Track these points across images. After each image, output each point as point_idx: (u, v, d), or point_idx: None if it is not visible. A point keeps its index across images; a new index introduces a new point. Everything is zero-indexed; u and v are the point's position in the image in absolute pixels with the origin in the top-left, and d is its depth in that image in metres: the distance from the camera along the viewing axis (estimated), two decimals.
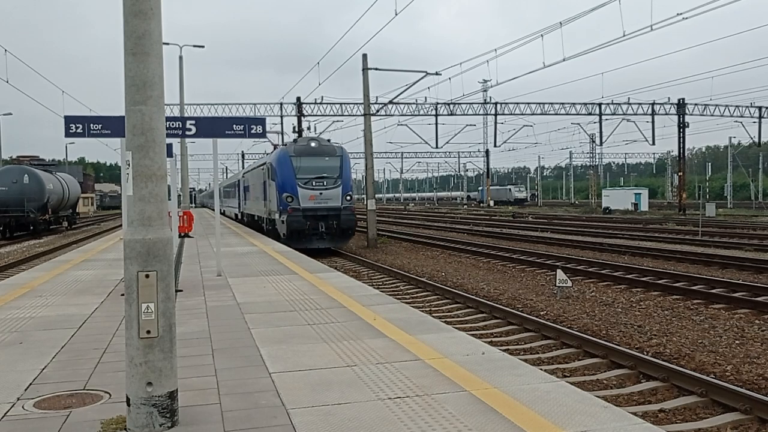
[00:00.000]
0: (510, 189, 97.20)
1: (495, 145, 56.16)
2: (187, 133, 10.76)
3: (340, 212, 22.10)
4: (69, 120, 10.34)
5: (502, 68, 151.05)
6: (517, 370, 5.22)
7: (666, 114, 50.92)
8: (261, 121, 11.16)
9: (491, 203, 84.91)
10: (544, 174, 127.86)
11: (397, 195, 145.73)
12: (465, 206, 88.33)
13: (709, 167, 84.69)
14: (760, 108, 50.83)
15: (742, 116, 51.12)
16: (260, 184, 26.49)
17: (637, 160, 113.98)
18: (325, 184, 22.29)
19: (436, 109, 46.78)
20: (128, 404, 3.96)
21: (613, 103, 49.85)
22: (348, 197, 22.55)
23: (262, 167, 26.42)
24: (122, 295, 4.59)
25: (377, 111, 40.63)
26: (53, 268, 13.64)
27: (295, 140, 24.57)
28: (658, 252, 20.10)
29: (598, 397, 4.74)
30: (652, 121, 51.08)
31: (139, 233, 3.99)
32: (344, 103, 43.28)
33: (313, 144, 23.33)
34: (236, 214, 41.33)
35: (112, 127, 10.27)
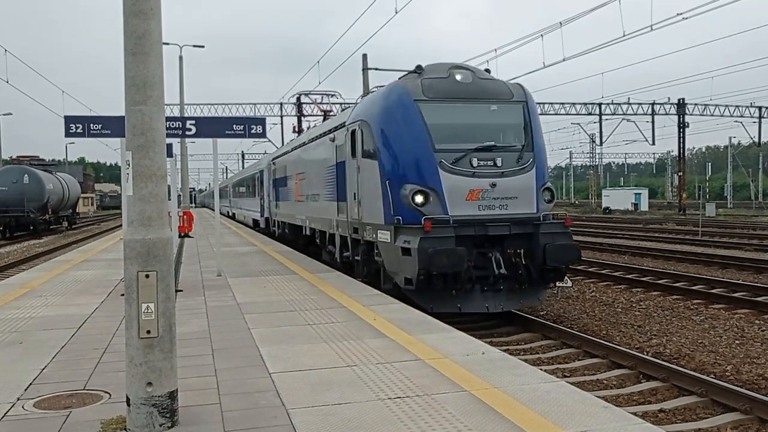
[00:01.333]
0: None
1: None
2: (187, 133, 10.78)
3: (538, 227, 9.90)
4: (69, 120, 10.36)
5: (502, 68, 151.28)
6: (517, 370, 5.22)
7: (666, 114, 51.03)
8: (261, 121, 11.18)
9: None
10: None
11: None
12: None
13: (709, 167, 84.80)
14: (760, 108, 50.90)
15: (742, 116, 51.21)
16: (323, 170, 14.15)
17: (637, 160, 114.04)
18: (499, 163, 10.04)
19: None
20: (128, 404, 3.96)
21: (613, 103, 49.96)
22: (547, 192, 10.56)
23: (330, 135, 13.34)
24: (122, 295, 4.59)
25: None
26: (53, 268, 13.64)
27: (418, 69, 10.86)
28: (658, 252, 20.10)
29: (598, 397, 4.73)
30: (652, 121, 51.18)
31: (139, 233, 3.99)
32: (345, 103, 43.28)
33: (460, 76, 10.59)
34: (256, 221, 28.43)
35: (112, 127, 10.31)
